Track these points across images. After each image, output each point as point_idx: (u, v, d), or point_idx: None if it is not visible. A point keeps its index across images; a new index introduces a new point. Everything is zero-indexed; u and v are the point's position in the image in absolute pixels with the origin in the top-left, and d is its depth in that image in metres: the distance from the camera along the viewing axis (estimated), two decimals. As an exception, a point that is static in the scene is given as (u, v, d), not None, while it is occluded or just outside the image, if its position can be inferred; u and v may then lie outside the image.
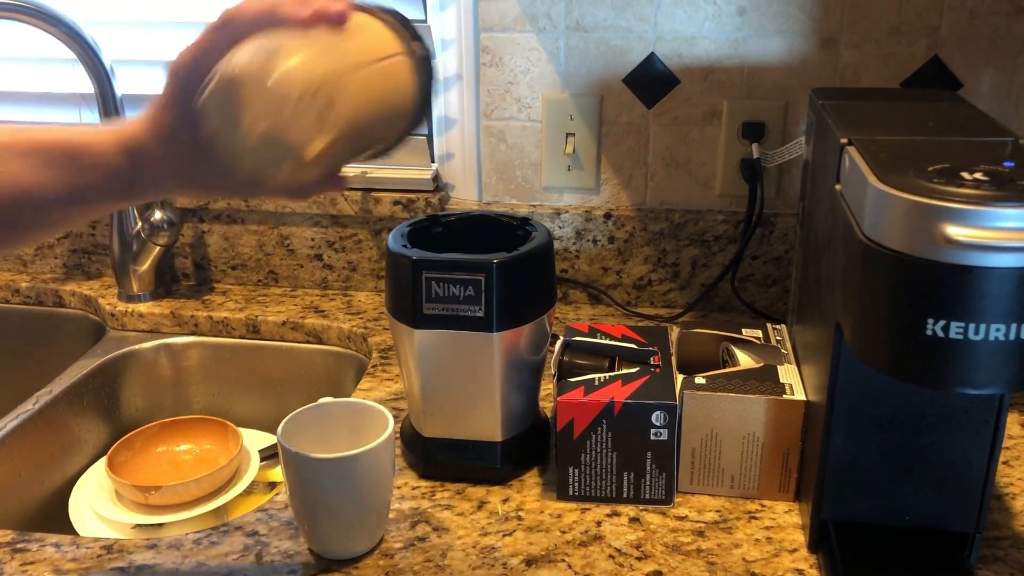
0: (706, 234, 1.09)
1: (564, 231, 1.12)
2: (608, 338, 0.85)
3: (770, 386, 0.76)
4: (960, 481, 0.67)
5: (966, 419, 0.66)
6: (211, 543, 0.73)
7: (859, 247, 0.56)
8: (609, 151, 1.09)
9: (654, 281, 1.12)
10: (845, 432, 0.67)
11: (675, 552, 0.72)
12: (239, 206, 1.16)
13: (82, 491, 1.00)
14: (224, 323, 1.13)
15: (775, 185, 1.07)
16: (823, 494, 0.69)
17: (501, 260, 0.74)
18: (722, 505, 0.77)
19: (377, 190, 1.13)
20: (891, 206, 0.53)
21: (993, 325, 0.52)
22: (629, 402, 0.75)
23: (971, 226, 0.50)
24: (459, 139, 1.12)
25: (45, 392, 1.01)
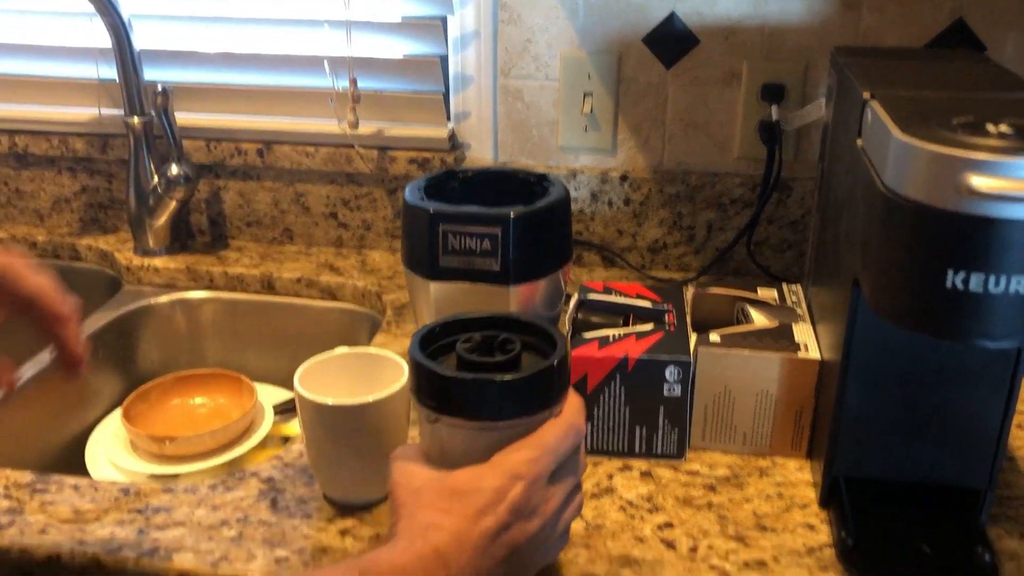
0: (723, 197, 1.08)
1: (580, 193, 1.11)
2: (623, 296, 0.85)
3: (785, 344, 0.76)
4: (974, 438, 0.68)
5: (982, 376, 0.66)
6: (226, 489, 0.74)
7: (880, 200, 0.56)
8: (626, 112, 1.09)
9: (669, 244, 1.12)
10: (859, 389, 0.68)
11: (686, 505, 0.72)
12: (255, 163, 1.16)
13: (98, 440, 1.01)
14: (239, 279, 1.14)
15: (793, 148, 1.06)
16: (836, 450, 0.69)
17: (518, 214, 0.74)
18: (734, 462, 0.77)
19: (393, 149, 1.13)
20: (914, 158, 0.53)
21: (1014, 277, 0.52)
22: (643, 358, 0.75)
23: (995, 176, 0.50)
24: (476, 98, 1.11)
25: (62, 343, 1.02)
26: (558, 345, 0.59)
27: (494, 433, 0.56)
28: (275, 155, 1.15)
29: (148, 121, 1.12)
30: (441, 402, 0.56)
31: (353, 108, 1.09)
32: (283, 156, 1.15)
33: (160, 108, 1.11)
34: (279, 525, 0.70)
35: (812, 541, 0.68)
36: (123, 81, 1.09)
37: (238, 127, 1.16)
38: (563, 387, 0.59)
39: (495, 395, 0.55)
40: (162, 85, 1.10)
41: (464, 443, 0.57)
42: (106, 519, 0.71)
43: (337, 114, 1.11)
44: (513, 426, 0.56)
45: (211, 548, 0.67)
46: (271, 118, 1.16)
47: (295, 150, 1.15)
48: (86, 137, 1.20)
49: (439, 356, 0.60)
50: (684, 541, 0.68)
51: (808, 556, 0.67)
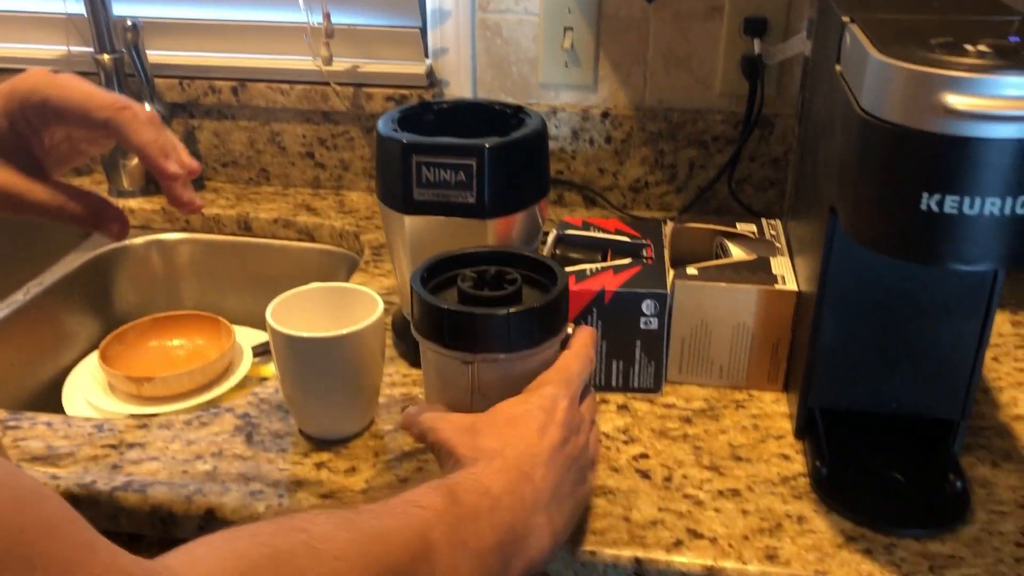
0: (704, 135, 1.07)
1: (560, 131, 1.10)
2: (601, 232, 0.84)
3: (762, 277, 0.75)
4: (948, 369, 0.68)
5: (956, 307, 0.66)
6: (201, 423, 0.74)
7: (857, 123, 0.55)
8: (608, 47, 1.07)
9: (651, 183, 1.11)
10: (835, 319, 0.67)
11: (662, 437, 0.72)
12: (229, 101, 1.14)
13: (75, 382, 1.00)
14: (215, 220, 1.12)
15: (775, 84, 1.05)
16: (811, 381, 0.69)
17: (493, 144, 0.73)
18: (710, 394, 0.77)
19: (369, 85, 1.11)
20: (891, 77, 0.52)
21: (988, 199, 0.51)
22: (620, 291, 0.74)
23: (972, 95, 0.49)
24: (453, 33, 1.09)
25: (36, 284, 1.01)
26: (555, 271, 0.61)
27: (529, 360, 0.58)
28: (250, 93, 1.13)
29: (119, 58, 1.10)
30: (478, 342, 0.57)
31: (327, 43, 1.07)
32: (258, 94, 1.13)
33: (131, 44, 1.08)
34: (254, 459, 0.70)
35: (786, 471, 0.68)
36: (91, 16, 1.07)
37: (211, 64, 1.14)
38: (568, 309, 0.62)
39: (528, 324, 0.58)
40: (132, 20, 1.07)
41: (501, 376, 0.58)
42: (79, 455, 0.70)
43: (312, 50, 1.09)
44: (543, 350, 0.59)
45: (185, 482, 0.67)
46: (245, 55, 1.14)
47: (270, 88, 1.12)
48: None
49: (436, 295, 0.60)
50: (659, 471, 0.68)
51: (782, 485, 0.67)
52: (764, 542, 0.61)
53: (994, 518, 0.64)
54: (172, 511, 0.65)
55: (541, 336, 0.58)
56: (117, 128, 0.54)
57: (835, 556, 0.60)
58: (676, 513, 0.64)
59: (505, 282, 0.60)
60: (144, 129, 0.55)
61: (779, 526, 0.63)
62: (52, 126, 0.56)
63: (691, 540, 0.62)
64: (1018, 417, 0.74)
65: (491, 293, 0.59)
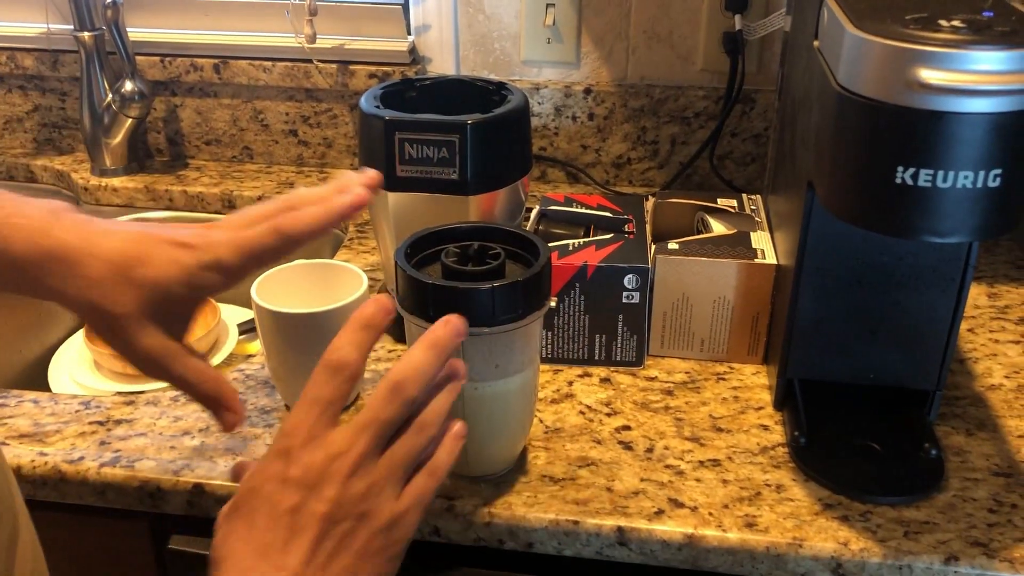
0: (686, 111, 1.08)
1: (543, 107, 1.10)
2: (583, 207, 0.85)
3: (742, 251, 0.76)
4: (924, 340, 0.69)
5: (932, 279, 0.67)
6: (188, 400, 0.74)
7: (833, 97, 0.56)
8: (590, 23, 1.07)
9: (633, 159, 1.11)
10: (813, 292, 0.68)
11: (643, 409, 0.73)
12: (211, 79, 1.14)
13: (61, 360, 1.00)
14: (199, 198, 1.12)
15: (756, 60, 1.05)
16: (790, 352, 0.70)
17: (475, 121, 0.73)
18: (691, 367, 0.78)
19: (352, 63, 1.10)
20: (866, 52, 0.53)
21: (961, 172, 0.52)
22: (602, 265, 0.75)
23: (945, 69, 0.50)
24: (436, 9, 1.09)
25: (19, 263, 1.01)
26: (538, 246, 0.62)
27: (513, 334, 0.60)
28: (232, 71, 1.13)
29: (99, 36, 1.09)
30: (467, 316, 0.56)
31: (310, 20, 1.07)
32: (240, 72, 1.13)
33: (111, 22, 1.07)
34: (241, 434, 0.70)
35: (766, 441, 0.70)
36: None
37: (193, 42, 1.13)
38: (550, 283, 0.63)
39: (512, 298, 0.58)
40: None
41: (486, 350, 0.60)
42: (67, 432, 0.71)
43: (295, 27, 1.09)
44: (526, 323, 0.60)
45: (173, 457, 0.68)
46: (227, 33, 1.13)
47: (252, 65, 1.12)
48: (35, 53, 1.16)
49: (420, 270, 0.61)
50: (641, 442, 0.70)
51: (762, 455, 0.68)
52: (743, 510, 0.63)
53: (968, 485, 0.65)
54: (160, 486, 0.66)
55: (525, 310, 0.59)
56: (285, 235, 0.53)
57: (812, 523, 0.62)
58: (658, 483, 0.65)
59: (488, 257, 0.61)
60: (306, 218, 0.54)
61: (758, 495, 0.64)
62: None
63: (672, 509, 0.63)
64: (992, 387, 0.76)
65: (475, 268, 0.60)
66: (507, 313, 0.59)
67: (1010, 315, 0.86)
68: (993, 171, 0.52)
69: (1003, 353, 0.80)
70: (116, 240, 0.51)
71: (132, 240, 0.51)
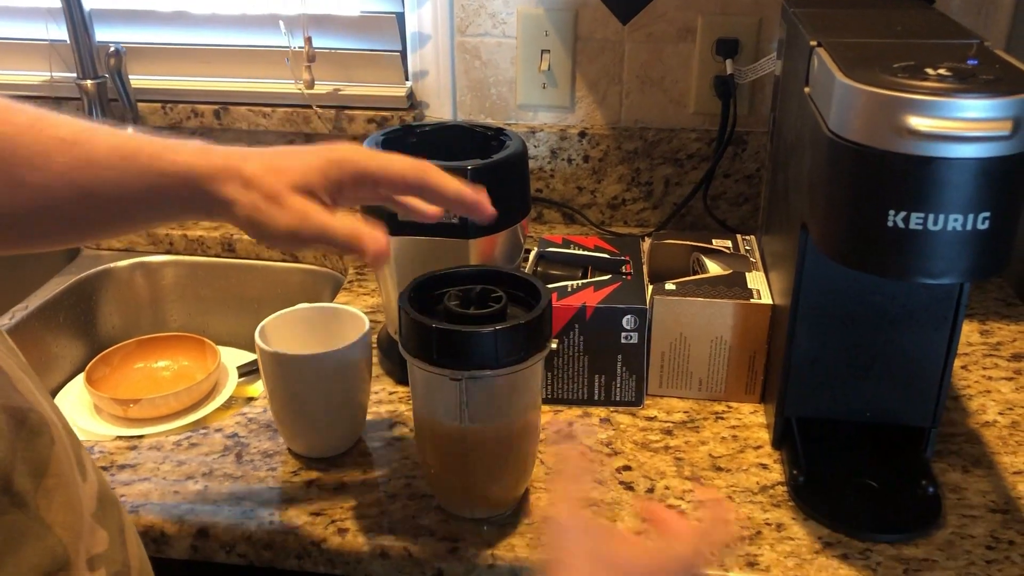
0: (679, 153, 1.10)
1: (539, 150, 1.12)
2: (581, 249, 0.86)
3: (738, 291, 0.78)
4: (918, 377, 0.70)
5: (925, 317, 0.68)
6: (191, 444, 0.75)
7: (825, 143, 0.57)
8: (584, 68, 1.09)
9: (628, 200, 1.13)
10: (809, 331, 0.70)
11: (644, 449, 0.74)
12: (212, 124, 1.16)
13: (61, 405, 1.01)
14: (199, 241, 1.13)
15: (748, 103, 1.07)
16: (787, 391, 0.71)
17: (475, 166, 0.75)
18: (690, 407, 0.79)
19: (351, 108, 1.12)
20: (856, 100, 0.55)
21: (951, 216, 0.54)
22: (601, 307, 0.76)
23: (933, 116, 0.52)
24: (433, 56, 1.11)
25: (21, 308, 1.02)
26: (538, 288, 0.63)
27: (516, 376, 0.60)
28: (232, 116, 1.15)
29: (102, 83, 1.11)
30: (466, 359, 0.59)
31: (308, 67, 1.09)
32: (240, 117, 1.14)
33: (113, 70, 1.09)
34: (244, 478, 0.71)
35: (765, 479, 0.70)
36: (74, 42, 1.08)
37: (194, 88, 1.15)
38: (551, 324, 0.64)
39: (515, 340, 0.59)
40: (115, 46, 1.09)
41: (489, 391, 0.60)
42: (70, 477, 0.71)
43: (294, 74, 1.11)
44: (528, 365, 0.61)
45: (177, 502, 0.68)
46: (227, 80, 1.15)
47: (252, 111, 1.14)
48: (38, 101, 1.17)
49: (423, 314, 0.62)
50: (642, 483, 0.70)
51: (761, 493, 0.69)
52: (745, 550, 0.63)
53: (965, 522, 0.66)
54: (164, 531, 0.66)
55: (527, 352, 0.60)
56: (432, 185, 0.58)
57: (813, 562, 0.62)
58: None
59: (490, 300, 0.62)
60: (453, 180, 0.59)
61: (759, 534, 0.65)
62: (363, 189, 0.59)
63: (674, 549, 0.63)
64: (987, 423, 0.77)
65: (478, 311, 0.61)
66: (510, 355, 0.59)
67: (1002, 352, 0.87)
68: (982, 214, 0.54)
69: (996, 390, 0.81)
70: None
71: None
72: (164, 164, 0.55)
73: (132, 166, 0.55)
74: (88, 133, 0.55)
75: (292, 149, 0.58)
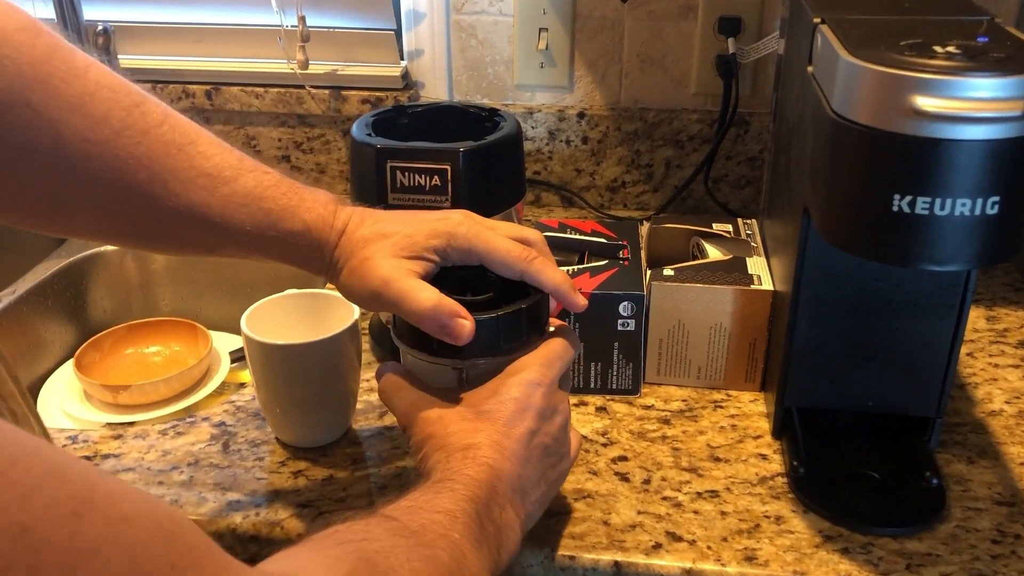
0: (680, 134, 1.07)
1: (537, 131, 1.10)
2: (578, 233, 0.84)
3: (738, 277, 0.76)
4: (923, 366, 0.68)
5: (931, 304, 0.66)
6: (177, 433, 0.73)
7: (828, 124, 0.55)
8: (583, 47, 1.07)
9: (627, 183, 1.11)
10: (810, 318, 0.68)
11: (640, 439, 0.72)
12: (204, 105, 1.13)
13: (50, 391, 0.99)
14: (191, 225, 1.11)
15: (750, 83, 1.05)
16: (787, 380, 0.69)
17: (467, 148, 0.73)
18: (688, 395, 0.77)
19: (344, 88, 1.10)
20: (861, 79, 0.52)
21: (959, 200, 0.51)
22: (596, 293, 0.74)
23: (940, 96, 0.49)
24: (428, 35, 1.08)
25: (8, 292, 1.00)
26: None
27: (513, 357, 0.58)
28: (224, 97, 1.12)
29: (90, 63, 1.09)
30: (469, 348, 0.56)
31: (302, 47, 1.06)
32: (232, 98, 1.12)
33: (102, 49, 1.07)
34: (231, 468, 0.69)
35: (765, 471, 0.69)
36: (61, 20, 1.05)
37: (185, 68, 1.13)
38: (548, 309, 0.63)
39: (517, 325, 0.58)
40: (103, 24, 1.06)
41: (490, 374, 0.58)
42: (53, 467, 0.69)
43: (287, 53, 1.08)
44: (529, 348, 0.59)
45: (162, 493, 0.67)
46: (219, 59, 1.13)
47: (244, 91, 1.12)
48: (27, 81, 1.15)
49: None
50: (638, 474, 0.68)
51: (760, 485, 0.67)
52: (743, 543, 0.62)
53: (970, 515, 0.64)
54: (148, 523, 0.65)
55: (529, 335, 0.59)
56: (532, 277, 0.59)
57: (813, 556, 0.61)
58: (655, 516, 0.64)
59: (484, 284, 0.60)
60: (553, 272, 0.59)
61: (757, 527, 0.63)
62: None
63: (670, 543, 0.62)
64: (993, 413, 0.75)
65: (474, 297, 0.59)
66: (513, 340, 0.58)
67: (1009, 339, 0.85)
68: (991, 198, 0.51)
69: (1003, 378, 0.79)
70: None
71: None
72: (294, 223, 0.57)
73: (264, 218, 0.57)
74: (233, 171, 0.56)
75: (407, 215, 0.60)
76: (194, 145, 0.55)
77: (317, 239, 0.58)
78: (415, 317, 0.55)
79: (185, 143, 0.55)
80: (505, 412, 0.55)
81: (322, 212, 0.58)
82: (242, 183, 0.56)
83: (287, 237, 0.57)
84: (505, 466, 0.53)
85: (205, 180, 0.55)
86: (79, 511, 0.27)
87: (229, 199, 0.56)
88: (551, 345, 0.59)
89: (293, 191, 0.58)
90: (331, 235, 0.58)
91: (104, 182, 0.53)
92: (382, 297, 0.56)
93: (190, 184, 0.55)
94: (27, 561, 0.25)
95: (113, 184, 0.53)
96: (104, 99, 0.52)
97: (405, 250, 0.57)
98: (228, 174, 0.56)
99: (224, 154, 0.56)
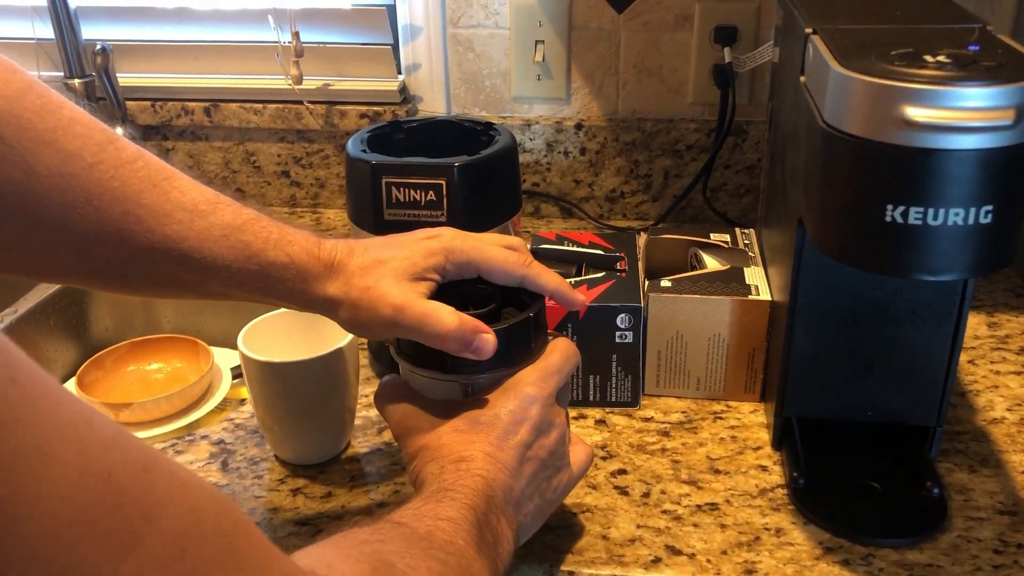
0: (678, 144, 1.07)
1: (535, 143, 1.10)
2: (575, 245, 0.84)
3: (736, 287, 0.75)
4: (922, 375, 0.68)
5: (928, 313, 0.66)
6: (176, 452, 0.73)
7: (820, 135, 0.55)
8: (579, 59, 1.07)
9: (626, 193, 1.11)
10: (808, 329, 0.67)
11: (640, 451, 0.72)
12: (203, 122, 1.14)
13: (52, 410, 0.99)
14: (191, 242, 1.11)
15: (747, 92, 1.05)
16: (786, 391, 0.69)
17: (462, 164, 0.73)
18: (688, 407, 0.77)
19: (342, 103, 1.10)
20: (851, 90, 0.52)
21: (952, 210, 0.51)
22: (594, 305, 0.74)
23: (931, 107, 0.49)
24: (425, 48, 1.09)
25: (10, 312, 1.00)
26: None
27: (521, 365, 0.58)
28: (223, 113, 1.13)
29: (89, 82, 1.09)
30: (476, 363, 0.56)
31: (296, 62, 1.07)
32: (231, 114, 1.13)
33: (100, 68, 1.07)
34: (230, 487, 0.69)
35: (765, 482, 0.68)
36: (60, 40, 1.06)
37: (183, 86, 1.14)
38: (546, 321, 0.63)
39: (523, 336, 0.58)
40: (101, 43, 1.07)
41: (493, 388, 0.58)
42: (53, 487, 0.69)
43: (284, 69, 1.09)
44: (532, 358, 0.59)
45: (160, 512, 0.67)
46: (217, 76, 1.13)
47: (243, 108, 1.12)
48: (27, 101, 1.16)
49: None
50: (637, 487, 0.68)
51: (760, 497, 0.67)
52: (743, 556, 0.61)
53: (972, 525, 0.64)
54: (147, 543, 0.65)
55: (535, 342, 0.59)
56: (531, 281, 0.60)
57: (813, 569, 0.60)
58: (654, 530, 0.64)
59: (481, 295, 0.60)
60: (550, 274, 0.61)
61: (757, 539, 0.63)
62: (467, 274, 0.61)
63: (670, 557, 0.61)
64: (994, 421, 0.74)
65: (477, 311, 0.58)
66: (519, 351, 0.58)
67: (1011, 345, 0.85)
68: (984, 207, 0.51)
69: (1004, 385, 0.79)
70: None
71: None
72: (276, 255, 0.56)
73: (244, 249, 0.55)
74: (210, 206, 0.55)
75: (396, 239, 0.60)
76: (169, 181, 0.54)
77: (302, 272, 0.56)
78: (439, 340, 0.54)
79: (160, 179, 0.54)
80: (500, 425, 0.55)
81: (305, 244, 0.57)
82: (219, 216, 0.55)
83: (270, 270, 0.56)
84: (499, 477, 0.53)
85: (181, 214, 0.54)
86: (148, 468, 0.29)
87: (207, 232, 0.54)
88: (549, 359, 0.59)
89: (273, 225, 0.57)
90: (317, 267, 0.57)
91: (78, 217, 0.51)
92: (399, 324, 0.55)
93: (166, 218, 0.53)
94: (111, 501, 0.28)
95: (87, 219, 0.51)
96: (77, 134, 0.51)
97: (407, 273, 0.57)
98: (204, 208, 0.54)
99: (200, 190, 0.55)
